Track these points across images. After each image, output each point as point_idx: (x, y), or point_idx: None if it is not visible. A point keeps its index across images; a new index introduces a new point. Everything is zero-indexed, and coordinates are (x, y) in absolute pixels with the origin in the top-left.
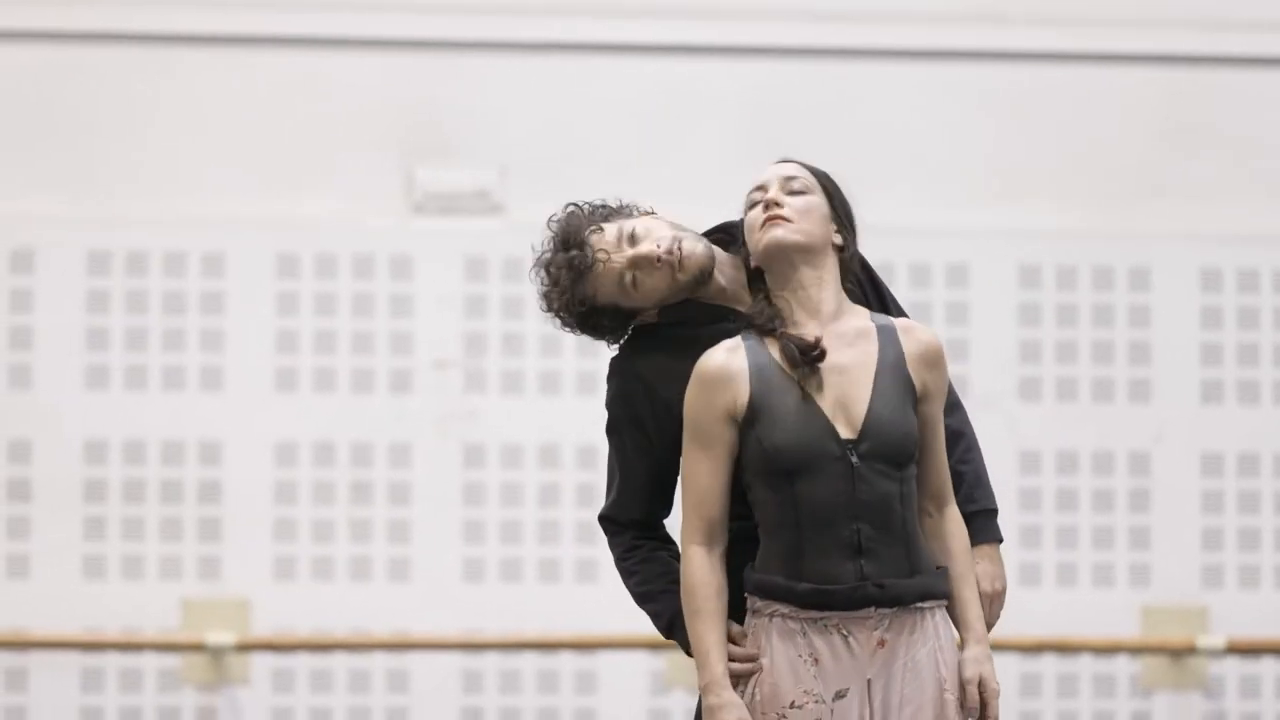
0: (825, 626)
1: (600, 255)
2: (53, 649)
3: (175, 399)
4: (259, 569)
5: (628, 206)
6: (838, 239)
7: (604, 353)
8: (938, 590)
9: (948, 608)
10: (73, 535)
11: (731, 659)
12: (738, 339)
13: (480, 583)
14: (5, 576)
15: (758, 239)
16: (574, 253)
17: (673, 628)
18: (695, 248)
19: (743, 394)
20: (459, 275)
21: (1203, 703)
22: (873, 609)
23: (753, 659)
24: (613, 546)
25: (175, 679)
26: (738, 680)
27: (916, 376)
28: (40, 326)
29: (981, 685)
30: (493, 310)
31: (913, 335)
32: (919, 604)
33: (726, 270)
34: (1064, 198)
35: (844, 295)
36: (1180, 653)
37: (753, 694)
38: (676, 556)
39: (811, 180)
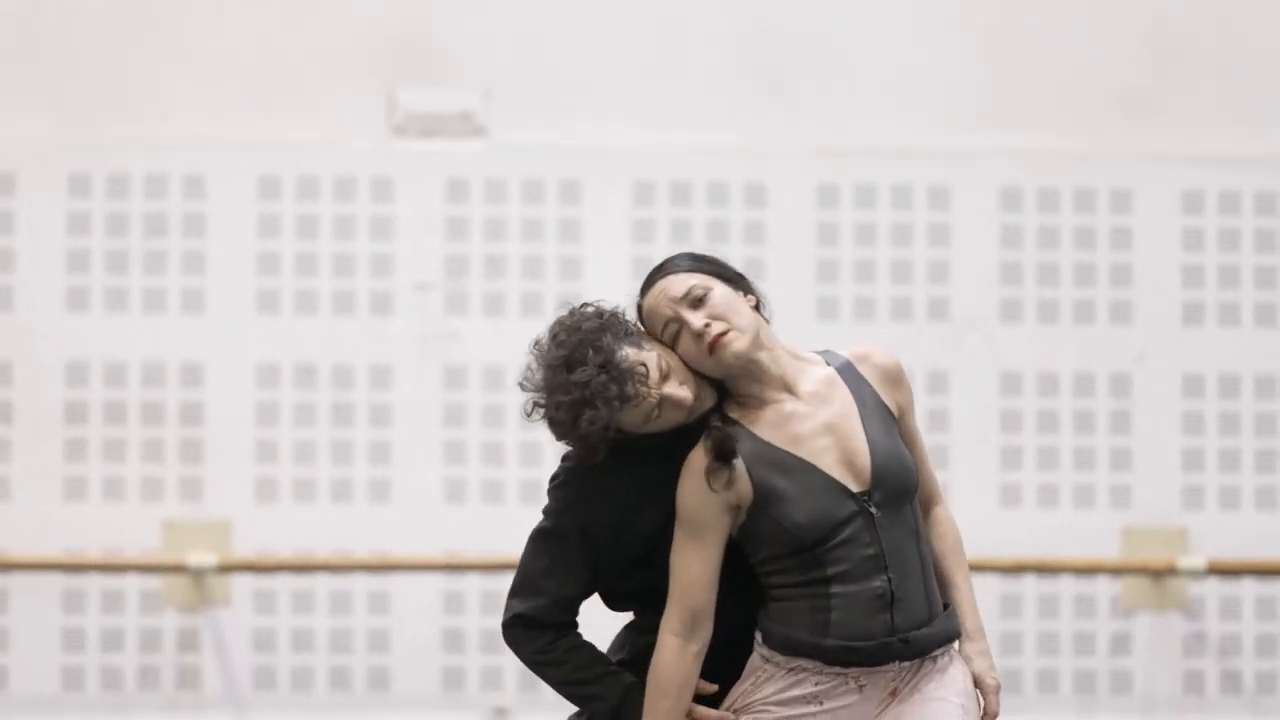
0: (844, 679)
1: (644, 391)
2: (34, 571)
3: (156, 321)
4: (240, 490)
5: (634, 328)
6: (752, 301)
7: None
8: (953, 633)
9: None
10: (54, 457)
11: (703, 718)
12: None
13: (461, 504)
14: None
15: (713, 364)
16: (628, 388)
17: (620, 709)
18: (704, 390)
19: (744, 483)
20: (440, 198)
21: (1183, 623)
22: (895, 663)
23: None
24: (525, 643)
25: (157, 600)
26: None
27: (889, 400)
28: (21, 248)
29: (978, 681)
30: (474, 232)
31: (869, 362)
32: (936, 651)
33: None
34: (1046, 120)
35: (789, 352)
36: (1161, 573)
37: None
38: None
39: (698, 276)
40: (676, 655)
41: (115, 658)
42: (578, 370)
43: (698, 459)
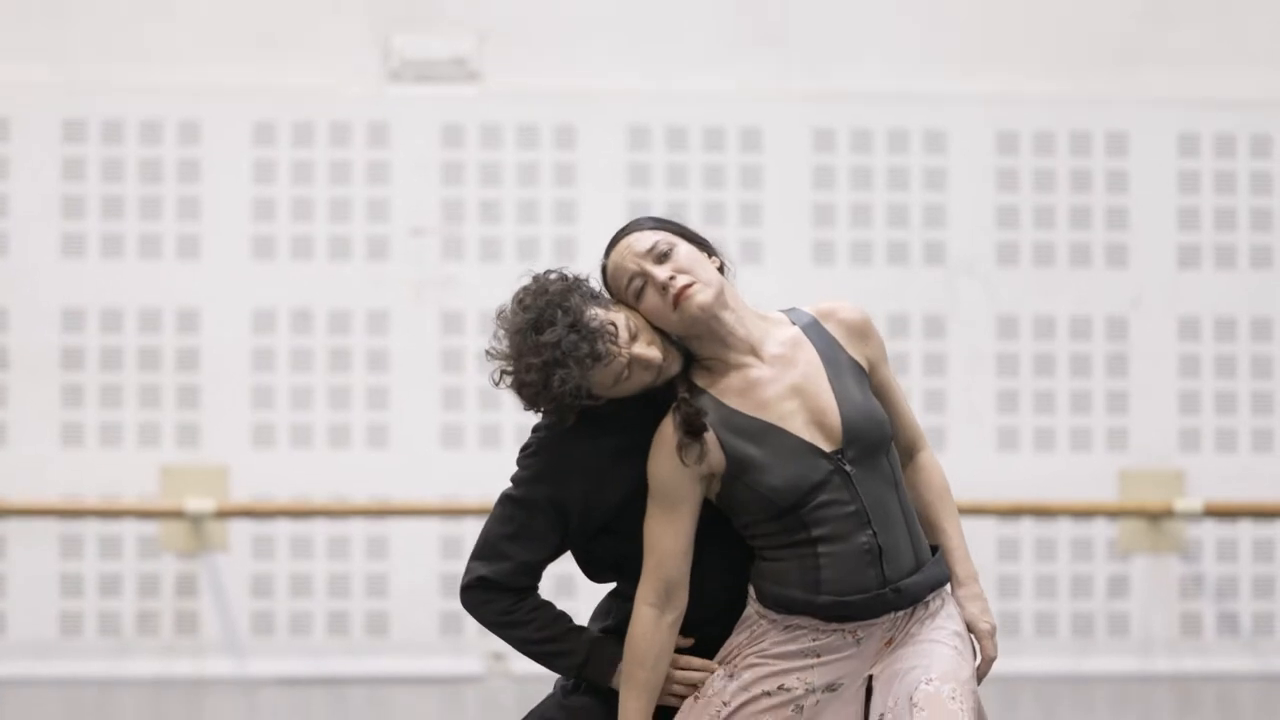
0: (841, 634)
1: (614, 350)
2: (32, 516)
3: (152, 267)
4: (238, 436)
5: (599, 291)
6: (716, 262)
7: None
8: (943, 578)
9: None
10: (51, 403)
11: (688, 667)
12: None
13: (459, 449)
14: None
15: (677, 319)
16: (599, 346)
17: (587, 663)
18: (669, 352)
19: (716, 452)
20: (436, 142)
21: (1180, 565)
22: (890, 613)
23: (709, 669)
24: (485, 605)
25: (154, 546)
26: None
27: (858, 354)
28: (16, 194)
29: (972, 626)
30: (470, 177)
31: (835, 318)
32: (928, 597)
33: None
34: (1042, 63)
35: (753, 313)
36: (1157, 516)
37: (735, 674)
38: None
39: (662, 233)
40: (652, 626)
41: (113, 603)
42: (547, 331)
43: (668, 431)
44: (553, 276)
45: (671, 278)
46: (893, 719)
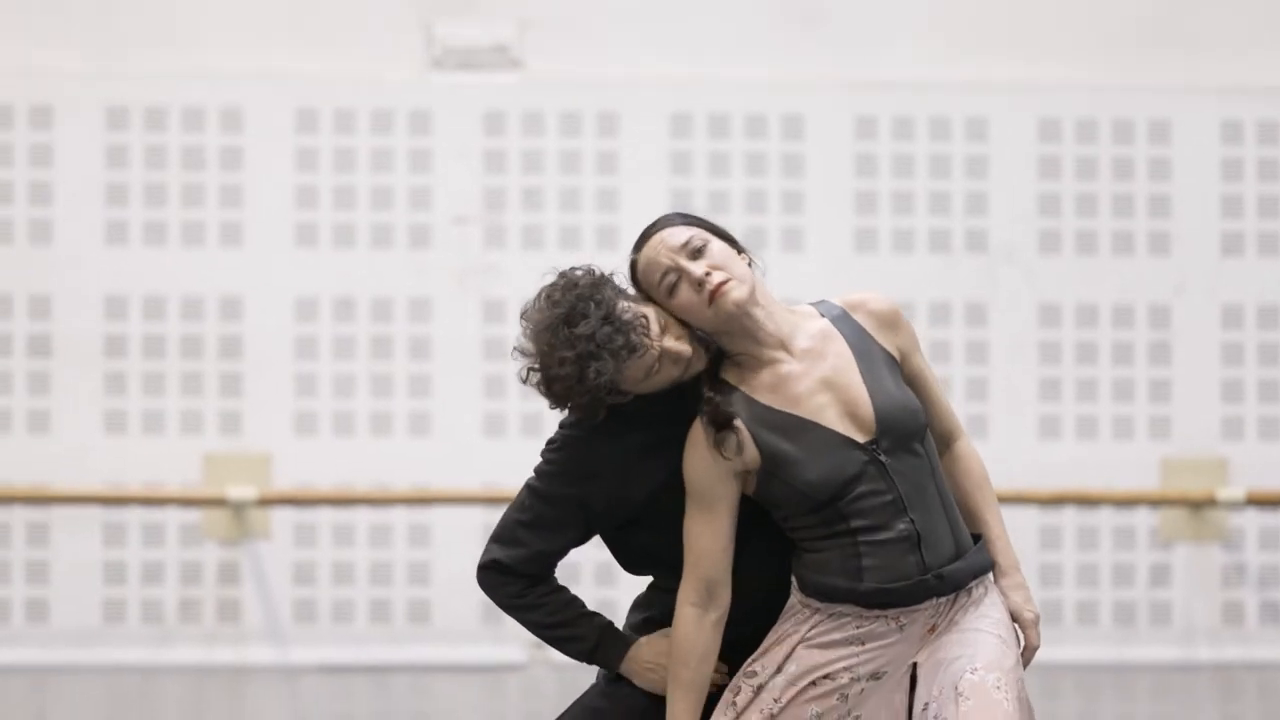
0: (885, 621)
1: (647, 342)
2: (75, 504)
3: (195, 254)
4: (280, 424)
5: (626, 287)
6: (745, 260)
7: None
8: (986, 565)
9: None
10: (94, 391)
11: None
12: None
13: (501, 437)
14: (27, 432)
15: (712, 314)
16: (633, 337)
17: (597, 649)
18: (696, 348)
19: (750, 449)
20: (478, 130)
21: (1222, 554)
22: (932, 599)
23: (720, 670)
24: (499, 588)
25: (197, 533)
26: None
27: (888, 344)
28: (60, 182)
29: (1016, 615)
30: (512, 165)
31: (865, 309)
32: (970, 584)
33: None
34: (1084, 50)
35: (782, 307)
36: (1200, 504)
37: (783, 667)
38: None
39: (696, 229)
40: (695, 625)
41: (156, 590)
42: (580, 324)
43: (699, 432)
44: (579, 272)
45: (707, 273)
46: (937, 708)
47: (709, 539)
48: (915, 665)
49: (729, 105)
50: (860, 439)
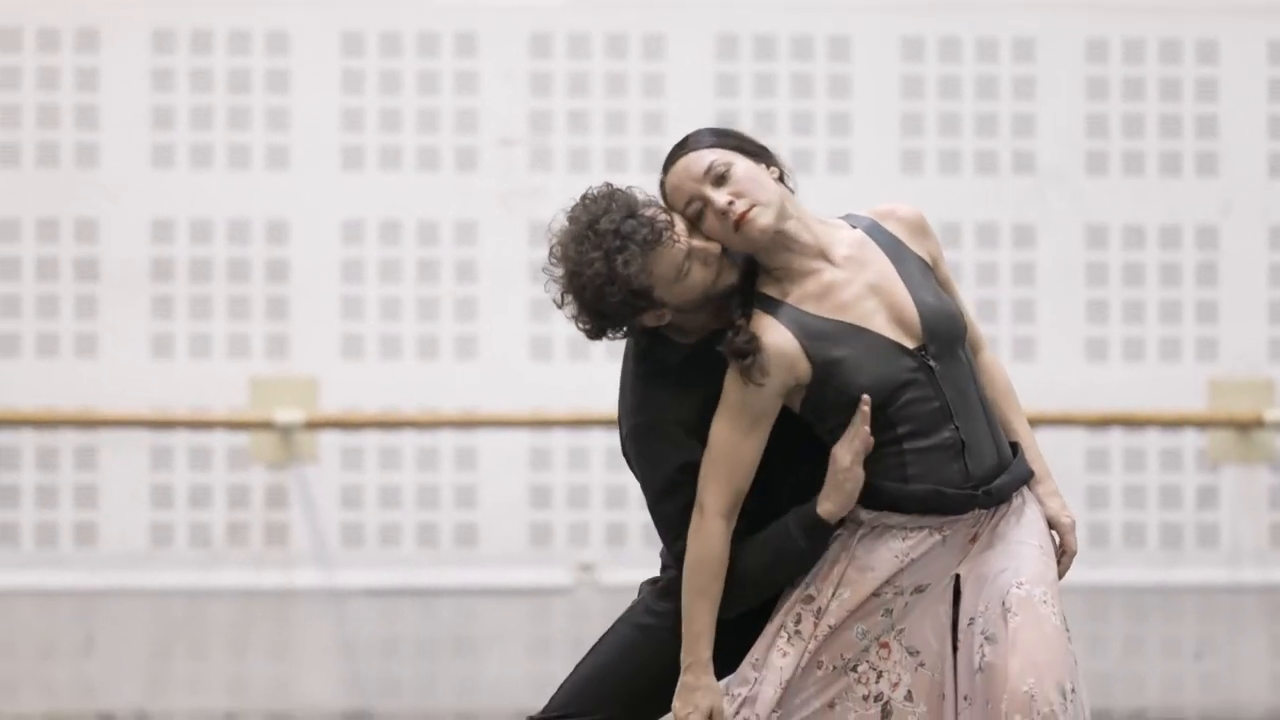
0: (929, 530)
1: (672, 234)
2: (122, 427)
3: (241, 178)
4: (327, 347)
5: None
6: (775, 173)
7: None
8: (1027, 475)
9: None
10: (140, 314)
11: None
12: (761, 316)
13: (548, 360)
14: (74, 355)
15: (740, 240)
16: (657, 226)
17: (810, 548)
18: (725, 259)
19: (801, 362)
20: (524, 52)
21: (1270, 476)
22: (975, 510)
23: None
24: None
25: (244, 457)
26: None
27: (921, 251)
28: (106, 105)
29: (1053, 522)
30: (558, 88)
31: (895, 217)
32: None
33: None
34: None
35: (816, 218)
36: (1247, 426)
37: (836, 591)
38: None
39: (719, 152)
40: (723, 539)
41: (203, 514)
42: (603, 221)
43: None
44: (594, 188)
45: (730, 202)
46: (984, 623)
47: (748, 452)
48: (958, 577)
49: (774, 26)
50: (909, 345)
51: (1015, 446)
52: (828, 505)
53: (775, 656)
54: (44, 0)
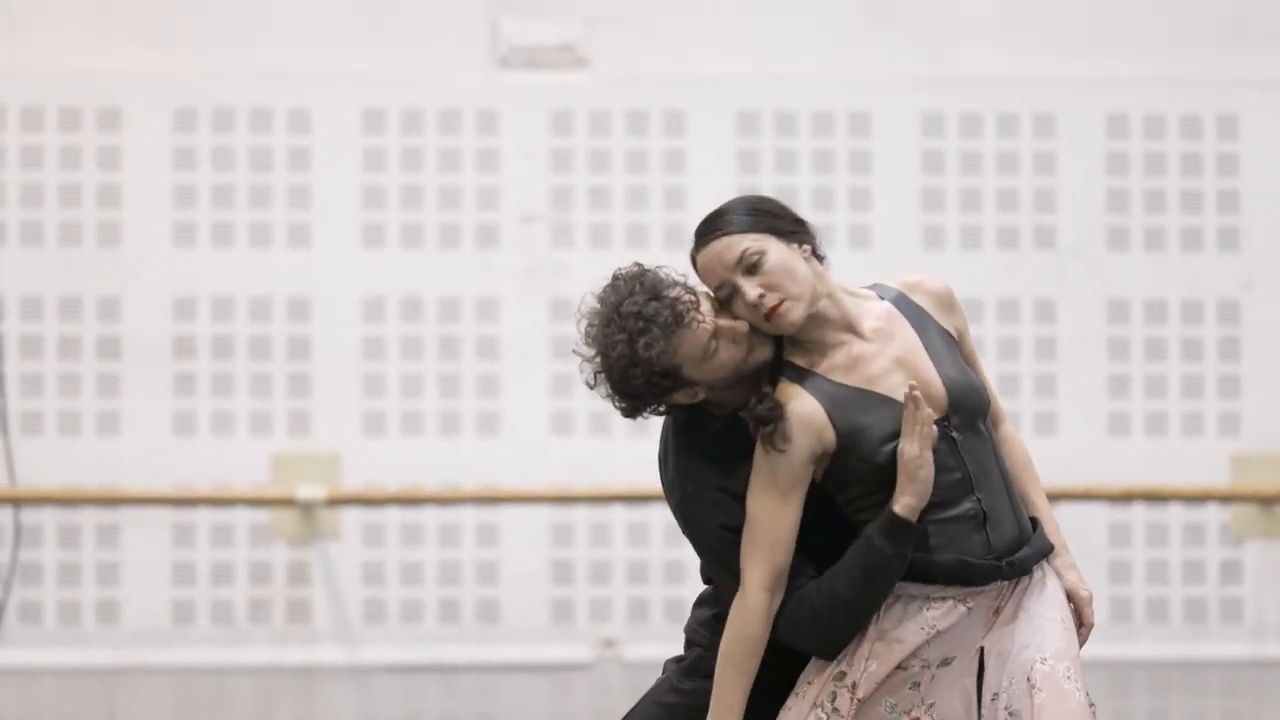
0: (954, 601)
1: (696, 315)
2: (144, 505)
3: (263, 255)
4: (348, 424)
5: (674, 277)
6: (806, 252)
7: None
8: (1048, 548)
9: None
10: (163, 392)
11: None
12: (788, 385)
13: (569, 436)
14: (96, 433)
15: (770, 329)
16: (680, 308)
17: (897, 555)
18: (753, 338)
19: (828, 431)
20: (545, 129)
21: None
22: (998, 582)
23: None
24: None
25: (266, 533)
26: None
27: (946, 324)
28: (128, 184)
29: (1072, 594)
30: (579, 164)
31: (921, 289)
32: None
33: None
34: (1152, 46)
35: (846, 291)
36: (1270, 501)
37: (866, 666)
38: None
39: (752, 237)
40: (764, 612)
41: (225, 591)
42: (626, 303)
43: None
44: (623, 269)
45: (762, 295)
46: (1009, 698)
47: (786, 524)
48: (982, 650)
49: (795, 102)
50: (934, 416)
51: (1034, 521)
52: (905, 499)
53: None
54: (66, 79)
